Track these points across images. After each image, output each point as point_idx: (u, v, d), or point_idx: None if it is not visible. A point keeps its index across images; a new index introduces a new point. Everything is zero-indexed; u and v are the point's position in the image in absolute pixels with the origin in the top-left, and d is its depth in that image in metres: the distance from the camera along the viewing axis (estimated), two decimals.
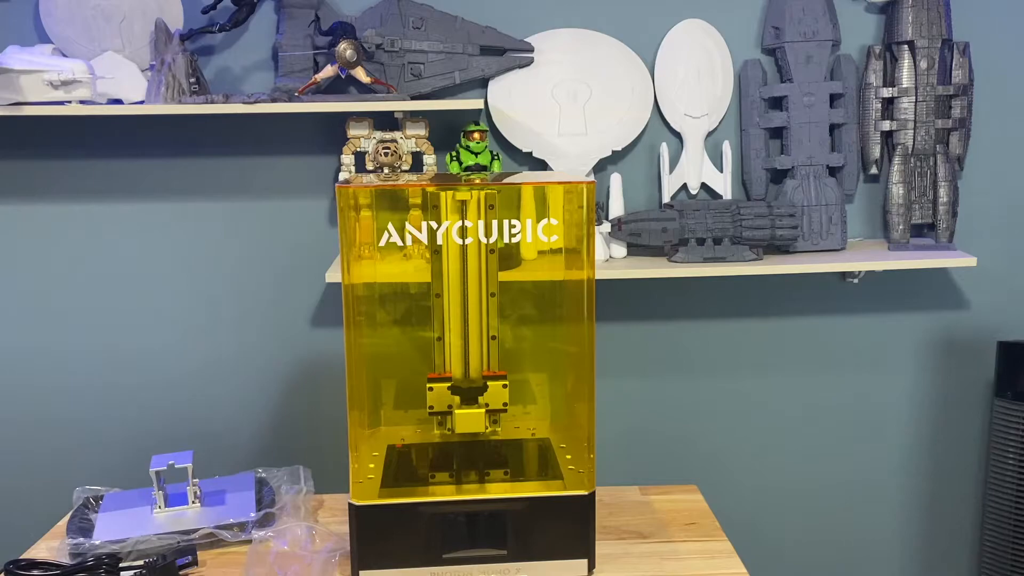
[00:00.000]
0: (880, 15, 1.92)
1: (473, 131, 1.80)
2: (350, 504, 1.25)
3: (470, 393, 1.32)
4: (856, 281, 2.01)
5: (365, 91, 1.84)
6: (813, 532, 2.12)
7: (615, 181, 1.89)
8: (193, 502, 1.48)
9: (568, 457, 1.35)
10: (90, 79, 1.69)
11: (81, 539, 1.37)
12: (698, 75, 1.89)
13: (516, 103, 1.88)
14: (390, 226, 1.24)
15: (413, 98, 1.81)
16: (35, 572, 1.31)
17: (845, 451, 2.09)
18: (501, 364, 1.33)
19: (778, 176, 1.95)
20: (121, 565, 1.31)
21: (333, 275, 1.73)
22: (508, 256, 1.30)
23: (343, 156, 1.82)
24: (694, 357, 2.03)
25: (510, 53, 1.86)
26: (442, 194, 1.25)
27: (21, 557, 1.34)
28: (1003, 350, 1.95)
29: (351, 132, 1.82)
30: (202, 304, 1.97)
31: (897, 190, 1.90)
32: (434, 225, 1.25)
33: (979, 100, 1.95)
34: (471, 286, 1.29)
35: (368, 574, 1.26)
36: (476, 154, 1.81)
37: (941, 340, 2.05)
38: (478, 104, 1.77)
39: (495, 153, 1.87)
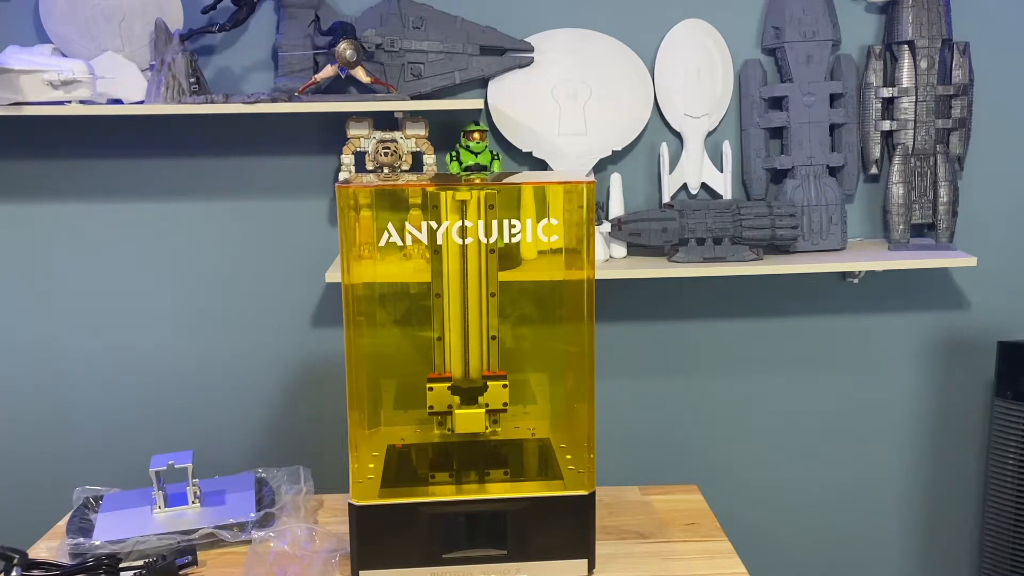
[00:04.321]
0: (880, 15, 1.92)
1: (473, 131, 1.80)
2: (350, 504, 1.25)
3: (470, 393, 1.32)
4: (856, 281, 2.01)
5: (365, 91, 1.84)
6: (813, 532, 2.12)
7: (615, 181, 1.89)
8: (193, 502, 1.48)
9: (568, 457, 1.35)
10: (90, 79, 1.69)
11: (81, 539, 1.37)
12: (698, 75, 1.89)
13: (516, 103, 1.88)
14: (390, 226, 1.24)
15: (413, 98, 1.81)
16: (35, 572, 1.30)
17: (845, 451, 2.09)
18: (501, 364, 1.33)
19: (778, 176, 1.95)
20: (121, 565, 1.31)
21: (333, 275, 1.73)
22: (508, 256, 1.30)
23: (343, 156, 1.82)
24: (694, 357, 2.03)
25: (510, 53, 1.86)
26: (442, 194, 1.25)
27: None
28: (1003, 350, 1.95)
29: (351, 132, 1.82)
30: (202, 304, 1.97)
31: (897, 190, 1.90)
32: (434, 225, 1.25)
33: (979, 100, 1.95)
34: (471, 286, 1.29)
35: (368, 574, 1.26)
36: (476, 154, 1.81)
37: (941, 340, 2.05)
38: (478, 104, 1.77)
39: (495, 153, 1.87)
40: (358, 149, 1.83)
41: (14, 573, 1.26)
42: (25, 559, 1.28)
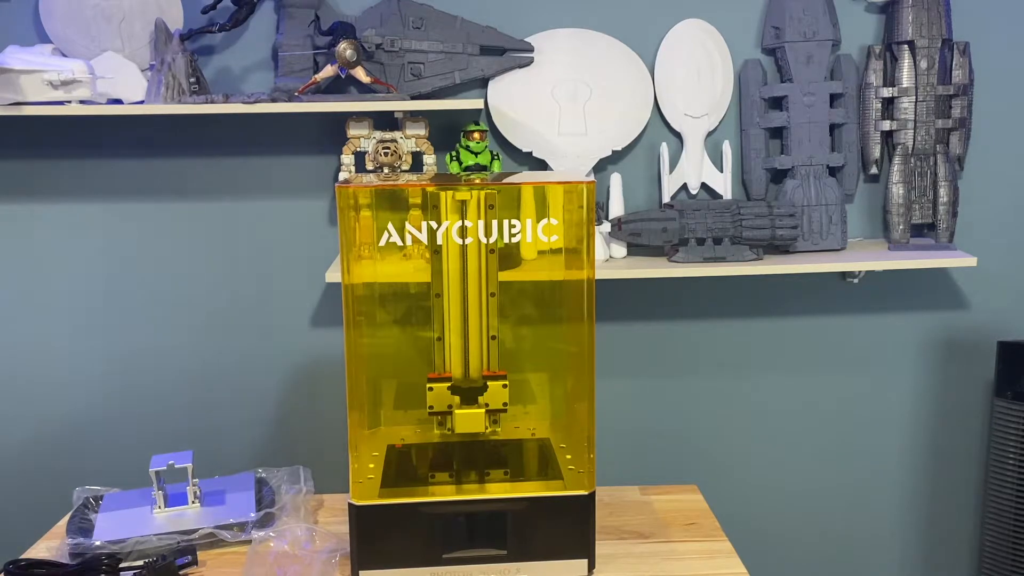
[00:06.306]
0: (880, 15, 1.92)
1: (473, 131, 1.80)
2: (350, 504, 1.25)
3: (470, 393, 1.32)
4: (856, 281, 2.01)
5: (365, 91, 1.84)
6: (813, 532, 2.12)
7: (615, 181, 1.89)
8: (193, 502, 1.48)
9: (568, 457, 1.35)
10: (90, 79, 1.69)
11: (81, 539, 1.37)
12: (698, 75, 1.89)
13: (516, 103, 1.88)
14: (390, 226, 1.24)
15: (413, 98, 1.81)
16: (35, 572, 1.30)
17: (845, 451, 2.09)
18: (501, 364, 1.33)
19: (778, 176, 1.95)
20: (121, 565, 1.31)
21: (333, 275, 1.73)
22: (508, 256, 1.30)
23: (343, 156, 1.82)
24: (694, 357, 2.03)
25: (510, 53, 1.86)
26: (442, 194, 1.25)
27: (21, 557, 1.34)
28: (1003, 350, 1.95)
29: (351, 132, 1.82)
30: (202, 304, 1.97)
31: (897, 190, 1.90)
32: (434, 225, 1.25)
33: (979, 100, 1.95)
34: (471, 286, 1.29)
35: (368, 574, 1.26)
36: (476, 154, 1.81)
37: (941, 340, 2.05)
38: (478, 104, 1.77)
39: (495, 153, 1.87)
40: (358, 149, 1.82)
41: None
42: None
